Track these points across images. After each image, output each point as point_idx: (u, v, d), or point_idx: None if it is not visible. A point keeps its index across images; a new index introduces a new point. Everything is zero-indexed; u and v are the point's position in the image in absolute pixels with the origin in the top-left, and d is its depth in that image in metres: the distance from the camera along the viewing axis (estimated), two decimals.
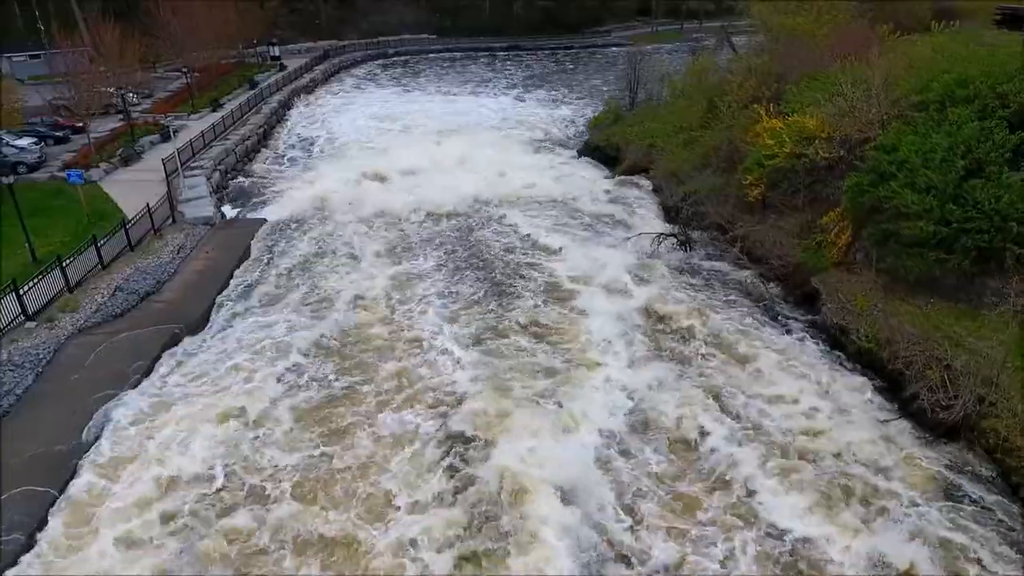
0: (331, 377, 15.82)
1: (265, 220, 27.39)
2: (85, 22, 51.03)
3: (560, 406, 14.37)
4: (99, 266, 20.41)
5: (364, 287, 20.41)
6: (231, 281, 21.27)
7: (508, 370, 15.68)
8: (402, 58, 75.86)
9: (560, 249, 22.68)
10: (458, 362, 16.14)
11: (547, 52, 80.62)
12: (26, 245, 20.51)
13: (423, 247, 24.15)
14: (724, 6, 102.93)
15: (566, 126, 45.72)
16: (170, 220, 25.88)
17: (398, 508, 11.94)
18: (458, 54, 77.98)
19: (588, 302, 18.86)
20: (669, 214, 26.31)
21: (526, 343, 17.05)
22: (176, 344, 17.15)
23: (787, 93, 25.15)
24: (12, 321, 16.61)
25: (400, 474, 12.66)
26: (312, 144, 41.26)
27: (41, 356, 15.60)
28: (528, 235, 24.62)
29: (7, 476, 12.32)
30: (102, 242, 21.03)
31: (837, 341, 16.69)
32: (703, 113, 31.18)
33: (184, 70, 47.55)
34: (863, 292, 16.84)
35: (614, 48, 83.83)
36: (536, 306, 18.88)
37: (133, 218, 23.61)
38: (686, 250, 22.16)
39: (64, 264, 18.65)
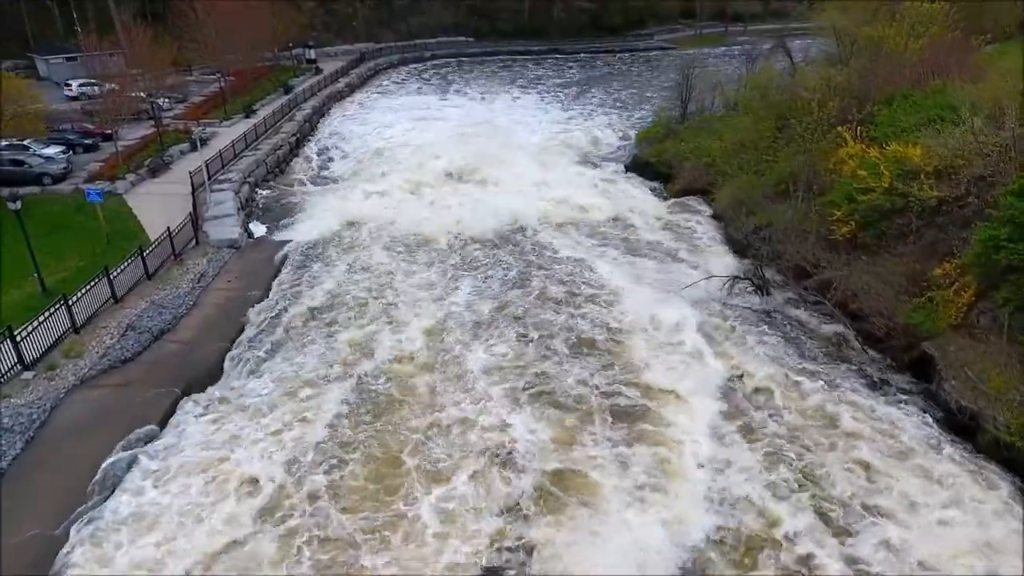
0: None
1: (292, 242, 25.49)
2: (122, 24, 50.31)
3: None
4: (111, 300, 18.63)
5: (397, 337, 18.05)
6: (251, 319, 19.21)
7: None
8: (439, 61, 73.94)
9: (619, 292, 20.01)
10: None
11: (588, 56, 77.91)
12: (35, 275, 18.85)
13: (462, 281, 21.79)
14: (770, 9, 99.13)
15: (611, 137, 43.17)
16: (193, 242, 24.16)
17: None
18: (496, 58, 75.77)
19: (659, 369, 16.06)
20: (737, 248, 23.54)
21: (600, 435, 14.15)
22: (185, 396, 15.15)
23: (879, 115, 22.18)
24: (7, 372, 14.77)
25: None
26: (345, 154, 39.45)
27: (35, 416, 13.71)
28: (580, 271, 22.07)
29: None
30: (118, 271, 19.28)
31: (961, 425, 13.85)
32: (771, 132, 28.27)
33: (218, 74, 46.38)
34: (995, 367, 13.96)
35: (656, 52, 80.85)
36: (597, 372, 16.17)
37: (152, 244, 21.89)
38: (762, 295, 19.41)
39: (72, 301, 16.83)
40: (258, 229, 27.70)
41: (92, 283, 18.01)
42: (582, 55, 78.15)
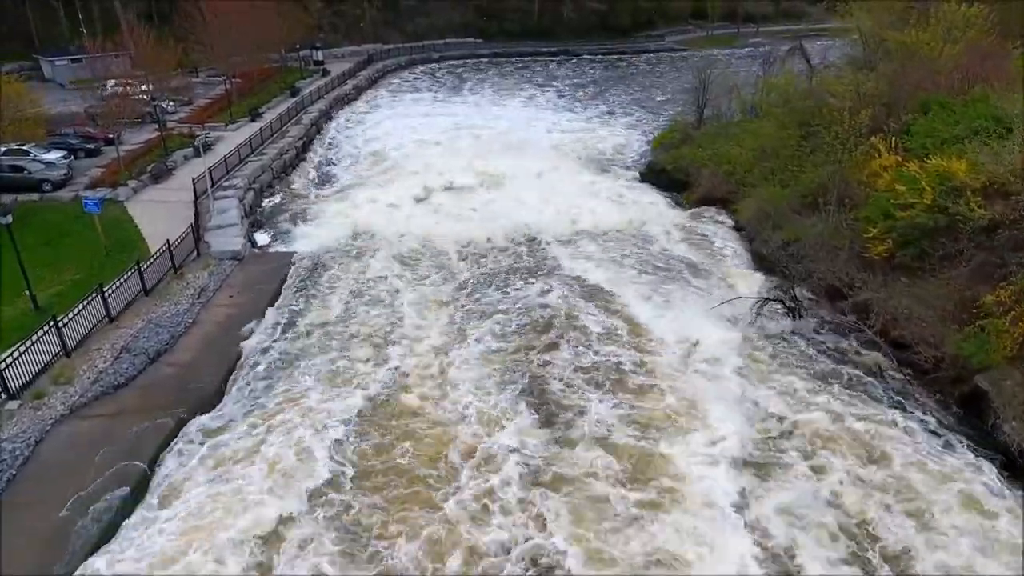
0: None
1: (297, 253, 24.53)
2: (127, 25, 49.55)
3: None
4: (106, 319, 17.67)
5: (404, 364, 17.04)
6: (253, 337, 18.21)
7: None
8: (447, 63, 72.94)
9: (641, 319, 18.68)
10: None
11: (598, 57, 76.78)
12: (26, 292, 17.93)
13: (470, 300, 20.67)
14: (782, 10, 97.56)
15: (624, 142, 42.08)
16: (194, 254, 23.21)
17: None
18: (505, 59, 74.69)
19: (692, 414, 14.78)
20: (763, 264, 22.36)
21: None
22: (182, 428, 14.18)
23: (914, 125, 20.97)
24: None
25: None
26: (353, 159, 38.52)
27: (18, 452, 12.72)
28: (595, 289, 20.90)
29: None
30: (113, 288, 18.29)
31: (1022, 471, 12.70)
32: (796, 140, 27.11)
33: (223, 77, 45.51)
34: None
35: (668, 53, 79.64)
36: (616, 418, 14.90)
37: (151, 256, 20.94)
38: (794, 318, 18.24)
39: (63, 322, 15.87)
40: (262, 238, 26.81)
41: (85, 302, 17.03)
42: (596, 56, 76.94)
